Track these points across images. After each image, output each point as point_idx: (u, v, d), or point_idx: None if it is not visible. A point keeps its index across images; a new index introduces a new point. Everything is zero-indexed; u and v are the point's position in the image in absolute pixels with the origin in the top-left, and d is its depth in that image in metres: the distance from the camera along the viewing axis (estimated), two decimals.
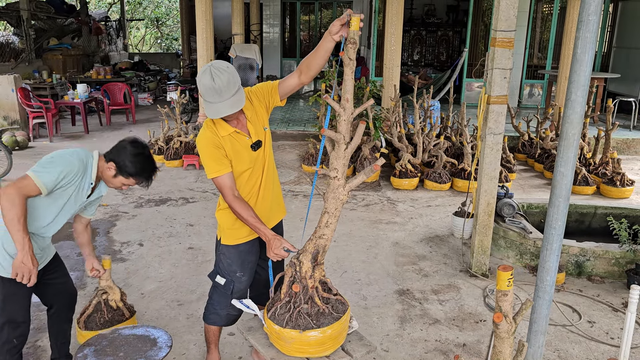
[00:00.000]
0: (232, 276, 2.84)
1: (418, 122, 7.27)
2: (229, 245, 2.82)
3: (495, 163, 4.34)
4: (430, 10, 16.44)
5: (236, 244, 2.81)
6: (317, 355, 2.40)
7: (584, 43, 2.29)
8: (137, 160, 2.68)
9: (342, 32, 2.28)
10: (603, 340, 3.61)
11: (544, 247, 2.54)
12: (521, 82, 11.98)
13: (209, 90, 2.37)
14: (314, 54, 2.47)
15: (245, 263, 2.84)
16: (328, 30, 2.32)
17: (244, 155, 2.62)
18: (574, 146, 2.38)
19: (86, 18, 15.47)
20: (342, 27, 2.28)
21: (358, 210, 6.08)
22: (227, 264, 2.84)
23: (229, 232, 2.81)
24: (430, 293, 4.22)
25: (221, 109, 2.39)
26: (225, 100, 2.39)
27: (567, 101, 2.37)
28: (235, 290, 2.85)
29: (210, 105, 2.40)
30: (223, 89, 2.36)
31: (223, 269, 2.86)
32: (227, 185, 2.55)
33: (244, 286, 2.88)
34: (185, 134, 8.09)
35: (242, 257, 2.82)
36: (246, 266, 2.85)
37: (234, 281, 2.84)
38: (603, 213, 5.36)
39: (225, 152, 2.55)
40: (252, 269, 2.89)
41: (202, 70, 2.41)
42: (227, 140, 2.56)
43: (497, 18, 4.04)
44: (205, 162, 2.56)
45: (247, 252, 2.83)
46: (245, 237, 2.81)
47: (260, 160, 2.70)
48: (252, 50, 11.81)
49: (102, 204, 6.06)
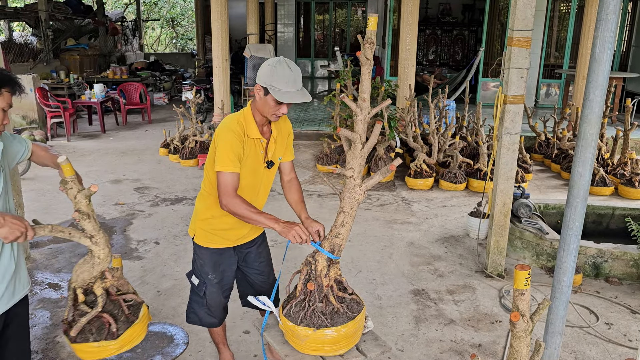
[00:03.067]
0: (205, 278, 2.77)
1: (433, 122, 7.24)
2: (200, 246, 2.75)
3: (511, 163, 4.31)
4: (445, 9, 16.37)
5: (208, 246, 2.73)
6: (331, 353, 2.41)
7: (602, 42, 2.26)
8: None
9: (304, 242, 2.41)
10: (621, 342, 3.57)
11: (560, 248, 2.52)
12: (538, 82, 11.87)
13: (286, 77, 2.42)
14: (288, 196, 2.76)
15: (216, 266, 2.76)
16: (302, 224, 2.52)
17: (254, 165, 2.59)
18: (592, 146, 2.36)
19: (103, 19, 15.64)
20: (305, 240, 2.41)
21: (373, 210, 6.07)
22: (200, 264, 2.78)
23: (202, 233, 2.73)
24: (446, 293, 4.21)
25: (295, 96, 2.44)
26: (298, 89, 2.46)
27: (585, 101, 2.35)
28: (207, 292, 2.79)
29: (284, 92, 2.42)
30: (297, 79, 2.45)
31: (197, 269, 2.80)
32: (232, 184, 2.46)
33: (217, 289, 2.79)
34: (201, 134, 8.14)
35: (214, 259, 2.75)
36: (217, 269, 2.76)
37: (207, 283, 2.77)
38: (621, 214, 5.30)
39: (242, 152, 2.53)
40: (225, 272, 2.79)
41: (275, 61, 2.45)
42: (250, 142, 2.55)
43: (514, 17, 4.01)
44: (222, 152, 2.46)
45: (219, 254, 2.75)
46: (220, 245, 2.74)
47: (263, 180, 2.69)
48: (266, 50, 11.84)
49: (119, 202, 6.13)
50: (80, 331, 2.40)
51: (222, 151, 2.46)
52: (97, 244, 2.35)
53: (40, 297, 4.00)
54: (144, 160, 8.01)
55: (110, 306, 2.50)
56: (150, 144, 9.10)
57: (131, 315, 2.52)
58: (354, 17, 18.09)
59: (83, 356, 2.43)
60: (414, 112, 7.51)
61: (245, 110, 2.57)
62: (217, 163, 2.45)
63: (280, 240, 5.02)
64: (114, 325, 2.42)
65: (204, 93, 11.04)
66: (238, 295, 3.02)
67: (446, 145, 7.18)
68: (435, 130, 7.17)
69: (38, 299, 3.95)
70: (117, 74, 12.93)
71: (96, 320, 2.43)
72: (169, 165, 7.85)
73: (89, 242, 2.34)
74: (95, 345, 2.39)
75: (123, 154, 8.40)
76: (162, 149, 8.39)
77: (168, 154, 8.20)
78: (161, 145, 8.48)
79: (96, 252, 2.38)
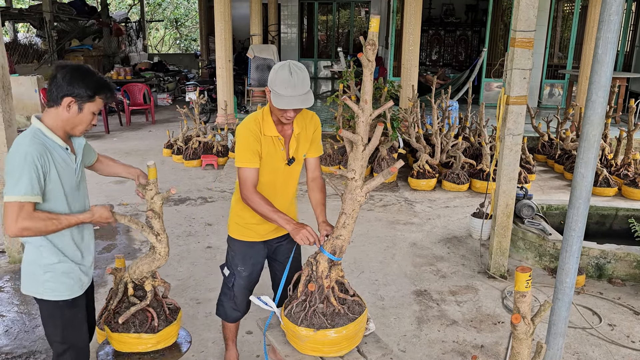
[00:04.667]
0: (234, 269, 2.90)
1: (436, 123, 7.24)
2: (233, 238, 2.88)
3: (514, 164, 4.31)
4: (448, 9, 16.35)
5: (240, 239, 2.86)
6: (331, 354, 2.42)
7: (604, 43, 2.26)
8: (85, 79, 2.23)
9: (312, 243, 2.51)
10: (624, 344, 3.56)
11: (563, 249, 2.51)
12: (541, 82, 11.84)
13: (285, 82, 2.46)
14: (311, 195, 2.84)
15: (246, 258, 2.87)
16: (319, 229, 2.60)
17: (273, 163, 2.67)
18: (595, 147, 2.36)
19: (107, 19, 15.69)
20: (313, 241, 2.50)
21: (375, 211, 6.08)
22: (232, 256, 2.91)
23: (235, 227, 2.85)
24: (448, 294, 4.21)
25: (293, 101, 2.47)
26: (298, 95, 2.48)
27: (588, 102, 2.34)
28: (236, 284, 2.90)
29: (282, 97, 2.47)
30: (298, 84, 2.47)
31: (229, 260, 2.94)
32: (250, 179, 2.58)
33: (244, 282, 2.91)
34: (204, 134, 8.16)
35: (244, 252, 2.87)
36: (248, 261, 2.88)
37: (235, 275, 2.90)
38: (624, 215, 5.29)
39: (260, 149, 2.61)
40: (254, 266, 2.90)
41: (280, 65, 2.49)
42: (267, 140, 2.63)
43: (516, 18, 4.01)
44: (240, 149, 2.59)
45: (249, 247, 2.86)
46: (250, 238, 2.84)
47: (284, 177, 2.76)
48: (270, 50, 11.86)
49: (123, 203, 6.15)
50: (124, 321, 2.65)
51: (239, 148, 2.59)
52: (161, 242, 2.62)
53: None
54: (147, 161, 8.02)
55: (155, 304, 2.77)
56: (154, 144, 9.13)
57: (170, 316, 2.78)
58: (357, 18, 18.08)
59: (119, 347, 2.68)
60: (417, 112, 7.50)
61: (265, 108, 2.66)
62: (236, 159, 2.60)
63: None
64: (156, 320, 2.68)
65: (208, 94, 11.04)
66: None
67: (449, 146, 7.18)
68: (438, 131, 7.17)
69: None
70: (121, 75, 12.95)
71: (140, 313, 2.70)
72: (173, 165, 7.87)
73: (154, 239, 2.61)
74: (134, 336, 2.64)
75: (127, 154, 8.42)
76: (166, 149, 8.41)
77: (171, 154, 8.22)
78: (165, 145, 8.51)
79: (158, 249, 2.63)
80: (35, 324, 3.67)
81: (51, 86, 2.21)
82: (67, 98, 2.20)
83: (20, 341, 3.48)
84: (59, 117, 2.24)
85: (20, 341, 3.48)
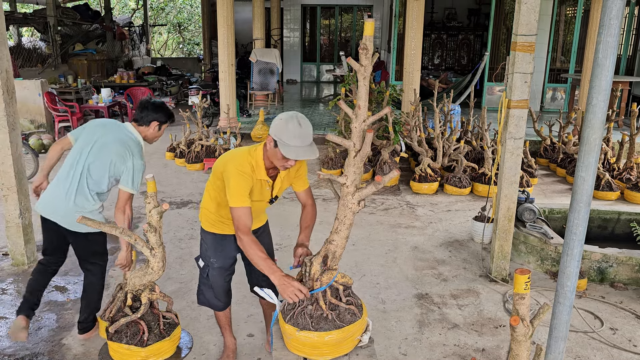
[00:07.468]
0: (208, 261, 2.99)
1: (438, 126, 7.25)
2: (206, 231, 2.98)
3: (515, 168, 4.31)
4: (451, 14, 16.38)
5: (212, 231, 2.95)
6: (312, 357, 2.42)
7: (605, 47, 2.26)
8: (164, 111, 3.42)
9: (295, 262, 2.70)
10: (626, 348, 3.56)
11: (564, 253, 2.52)
12: (544, 86, 11.85)
13: (296, 134, 2.51)
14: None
15: (218, 250, 2.95)
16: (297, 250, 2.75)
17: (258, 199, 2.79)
18: (596, 151, 2.36)
19: (110, 24, 15.76)
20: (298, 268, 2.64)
21: (377, 214, 6.08)
22: (205, 248, 3.01)
23: (207, 220, 2.96)
24: (449, 297, 4.21)
25: (301, 152, 2.52)
26: (306, 145, 2.54)
27: (588, 106, 2.35)
28: (210, 275, 2.99)
29: (291, 148, 2.51)
30: (307, 135, 2.54)
31: (202, 252, 3.04)
32: (244, 217, 2.61)
33: (217, 273, 2.98)
34: (207, 138, 8.18)
35: (215, 244, 2.95)
36: (219, 254, 2.96)
37: (209, 266, 2.99)
38: (627, 219, 5.28)
39: (251, 189, 2.69)
40: (226, 258, 2.98)
41: (286, 117, 2.54)
42: (257, 182, 2.72)
43: (517, 22, 4.02)
44: (234, 190, 2.62)
45: (221, 239, 2.95)
46: (222, 231, 2.94)
47: (264, 208, 2.95)
48: (272, 54, 11.90)
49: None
50: (117, 330, 2.72)
51: (234, 189, 2.63)
52: (155, 256, 2.64)
53: (46, 300, 4.03)
54: (150, 164, 8.05)
55: (150, 317, 2.82)
56: (157, 147, 9.14)
57: (164, 331, 2.80)
58: (360, 22, 18.13)
59: (113, 355, 2.79)
60: (419, 116, 7.52)
61: (257, 154, 2.70)
62: (231, 200, 2.62)
63: (284, 245, 5.03)
64: (146, 334, 2.72)
65: (210, 97, 11.08)
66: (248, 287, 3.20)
67: (451, 150, 7.18)
68: (440, 135, 7.18)
69: (44, 302, 3.98)
70: (125, 79, 13.01)
71: (134, 325, 2.75)
72: (175, 169, 7.89)
73: (148, 253, 2.63)
74: (125, 347, 2.70)
75: None
76: (168, 152, 8.43)
77: (174, 157, 8.25)
78: (167, 149, 8.53)
79: (151, 264, 2.66)
80: (38, 326, 3.69)
81: (142, 114, 3.32)
82: (154, 122, 3.35)
83: (22, 343, 3.49)
84: (143, 132, 3.36)
85: (23, 343, 3.49)
